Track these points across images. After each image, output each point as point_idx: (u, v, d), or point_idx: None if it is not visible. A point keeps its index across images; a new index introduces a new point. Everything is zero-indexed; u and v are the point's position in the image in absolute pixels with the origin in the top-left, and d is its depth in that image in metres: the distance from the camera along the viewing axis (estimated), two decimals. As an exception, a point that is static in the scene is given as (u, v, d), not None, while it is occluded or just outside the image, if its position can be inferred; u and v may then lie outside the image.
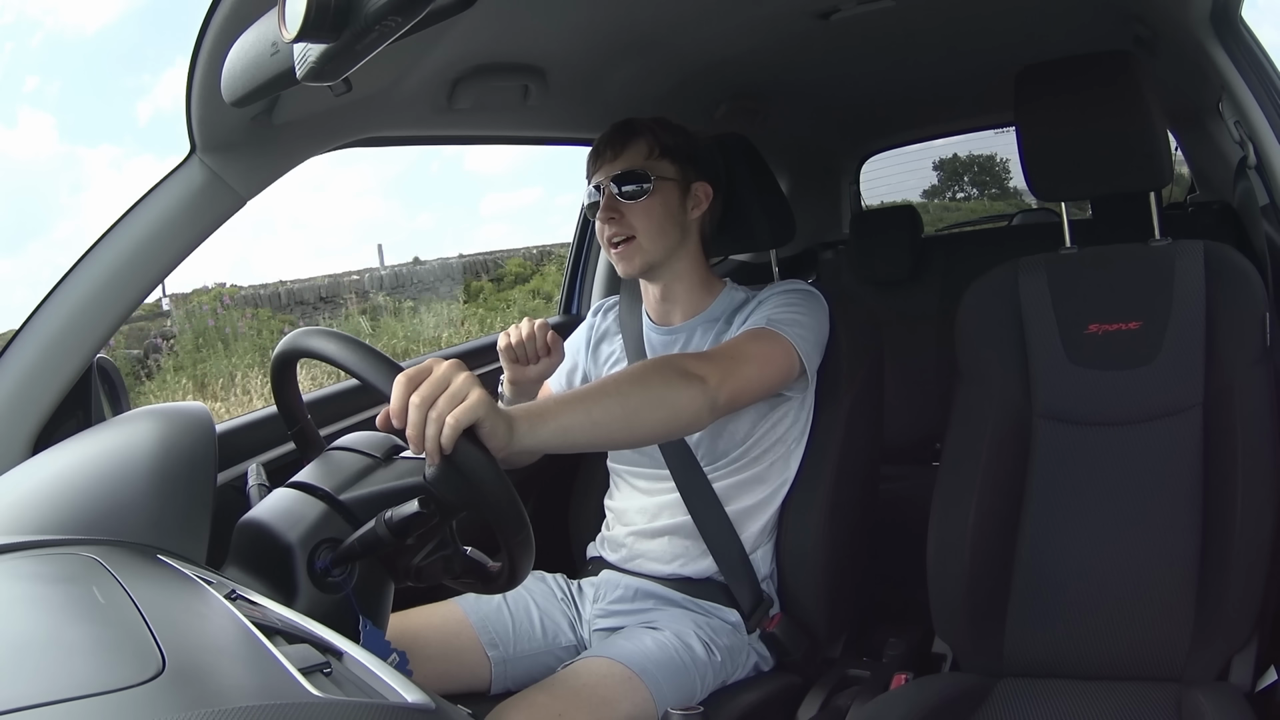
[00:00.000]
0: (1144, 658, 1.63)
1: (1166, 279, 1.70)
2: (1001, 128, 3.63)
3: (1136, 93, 1.69)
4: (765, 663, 1.77)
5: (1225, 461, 1.62)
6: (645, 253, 1.76)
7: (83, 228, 14.23)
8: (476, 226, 22.23)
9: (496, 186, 23.99)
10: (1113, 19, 2.02)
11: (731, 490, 1.77)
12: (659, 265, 1.79)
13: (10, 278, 12.51)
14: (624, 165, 1.75)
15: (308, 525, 1.19)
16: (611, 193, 1.75)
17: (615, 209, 1.75)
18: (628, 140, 1.77)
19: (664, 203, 1.76)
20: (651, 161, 1.76)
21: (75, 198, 15.12)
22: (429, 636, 1.66)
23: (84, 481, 1.18)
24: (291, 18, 0.80)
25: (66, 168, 14.37)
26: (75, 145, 15.40)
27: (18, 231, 12.34)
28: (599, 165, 1.78)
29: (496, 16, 1.55)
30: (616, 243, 1.76)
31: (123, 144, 16.30)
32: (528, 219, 20.87)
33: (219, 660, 0.77)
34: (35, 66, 15.45)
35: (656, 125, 1.79)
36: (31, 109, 14.95)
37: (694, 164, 1.80)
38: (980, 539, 1.73)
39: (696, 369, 1.49)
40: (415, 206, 21.32)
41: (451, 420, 1.11)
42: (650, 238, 1.75)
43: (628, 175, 1.74)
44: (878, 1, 1.86)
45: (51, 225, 13.84)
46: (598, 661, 1.59)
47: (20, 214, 12.76)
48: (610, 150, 1.77)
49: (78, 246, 1.48)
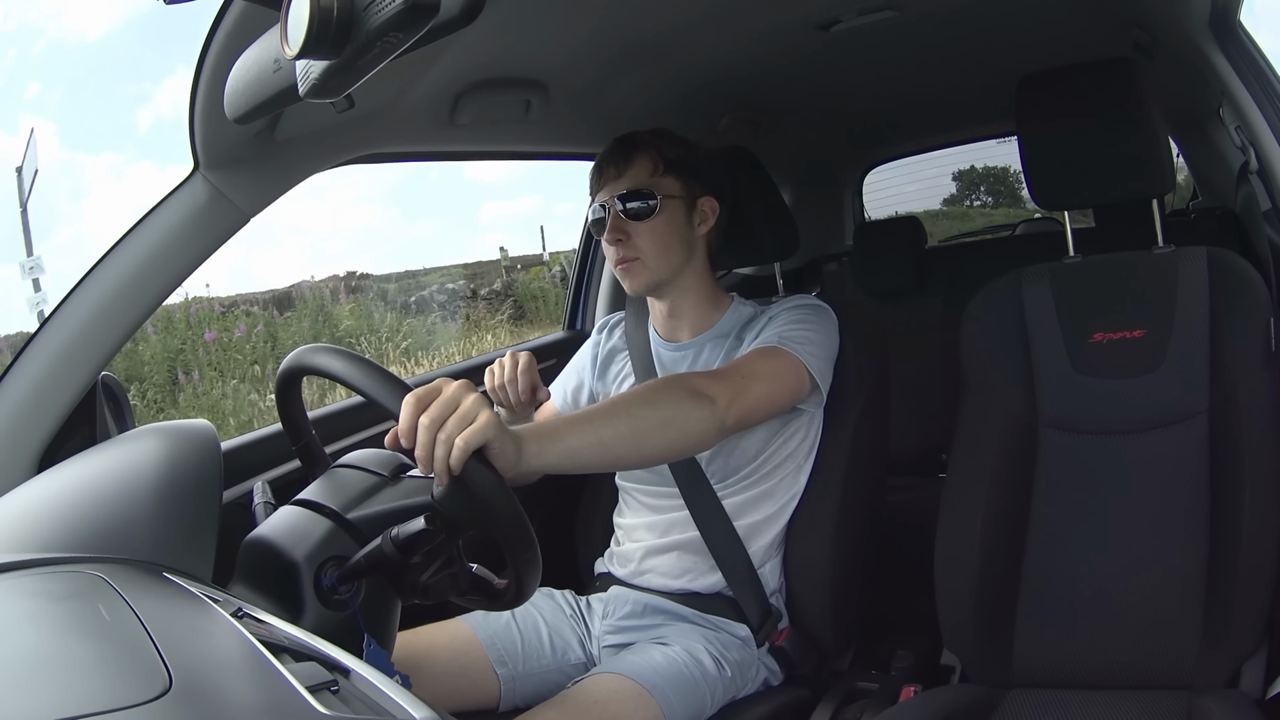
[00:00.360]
0: (1154, 666, 1.63)
1: (1170, 286, 1.70)
2: (1004, 137, 3.63)
3: (1137, 100, 1.70)
4: (774, 677, 1.76)
5: (1232, 467, 1.62)
6: (652, 272, 1.75)
7: (82, 234, 14.27)
8: (476, 235, 22.27)
9: (496, 194, 24.03)
10: (1112, 26, 2.03)
11: (741, 506, 1.77)
12: (666, 283, 1.78)
13: (11, 284, 12.59)
14: (628, 184, 1.74)
15: (314, 543, 1.19)
16: (617, 212, 1.73)
17: (622, 230, 1.73)
18: (631, 156, 1.75)
19: (670, 221, 1.74)
20: (656, 179, 1.74)
21: (76, 204, 15.17)
22: (437, 654, 1.65)
23: (89, 499, 1.18)
24: (294, 34, 0.80)
25: (67, 174, 14.43)
26: (76, 152, 15.47)
27: (18, 238, 12.42)
28: (603, 183, 1.77)
29: (497, 31, 1.55)
30: (623, 261, 1.75)
31: (123, 151, 16.36)
32: (526, 227, 20.89)
33: (226, 678, 0.76)
34: (37, 73, 15.52)
35: (659, 139, 1.77)
36: (33, 115, 15.03)
37: (699, 178, 1.79)
38: (987, 549, 1.72)
39: (706, 388, 1.48)
40: (414, 215, 21.36)
41: (461, 442, 1.11)
42: (657, 257, 1.74)
43: (633, 194, 1.73)
44: (878, 12, 1.86)
45: (51, 232, 13.90)
46: (607, 678, 1.58)
47: (20, 220, 12.87)
48: (614, 167, 1.75)
49: (77, 253, 1.49)
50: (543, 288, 11.66)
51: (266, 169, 1.56)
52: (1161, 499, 1.67)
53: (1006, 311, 1.81)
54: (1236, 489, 1.60)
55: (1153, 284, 1.72)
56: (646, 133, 1.79)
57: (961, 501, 1.76)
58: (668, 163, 1.75)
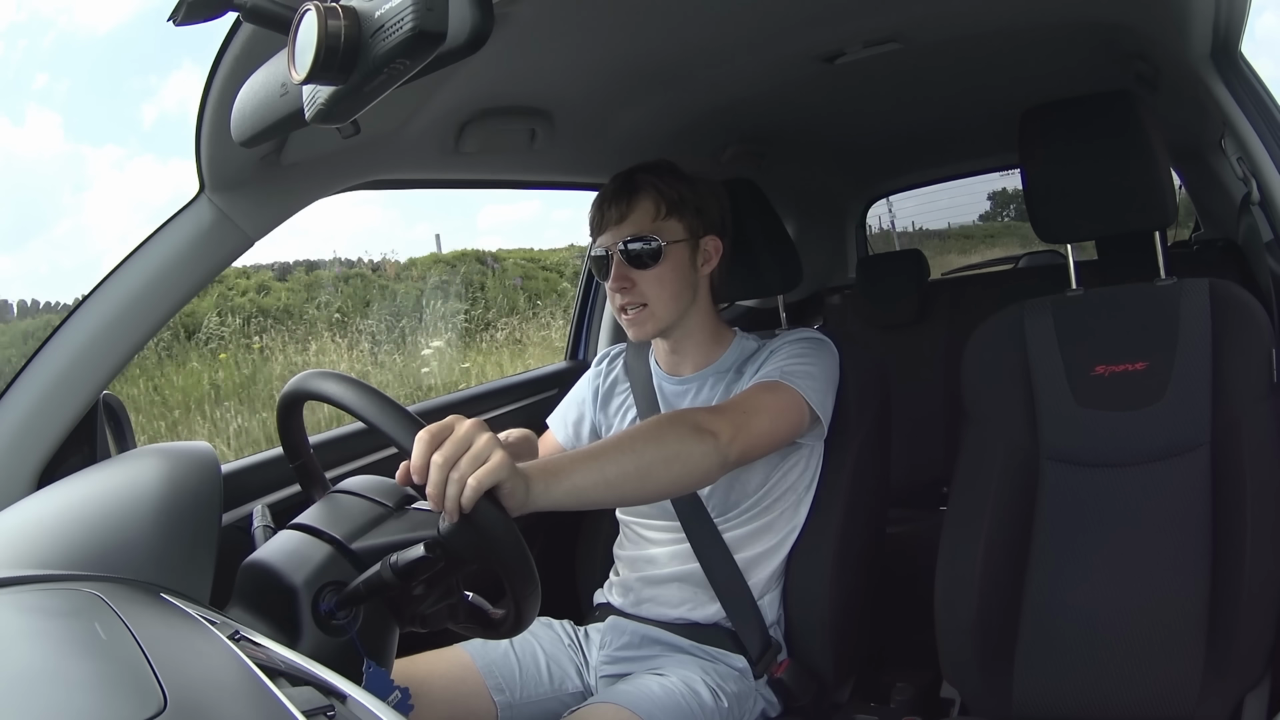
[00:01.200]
0: (1155, 698, 1.61)
1: (1172, 318, 1.70)
2: (1006, 169, 3.65)
3: (1139, 132, 1.70)
4: (773, 708, 1.75)
5: (1234, 498, 1.61)
6: (659, 320, 1.75)
7: (82, 226, 14.29)
8: (474, 239, 22.37)
9: (495, 199, 24.15)
10: (1114, 57, 2.04)
11: (741, 539, 1.76)
12: (672, 326, 1.79)
13: (10, 274, 12.62)
14: (631, 230, 1.72)
15: (313, 567, 1.18)
16: (620, 259, 1.73)
17: (626, 277, 1.73)
18: (633, 199, 1.74)
19: (675, 267, 1.74)
20: (660, 223, 1.73)
21: (78, 197, 15.19)
22: (435, 682, 1.64)
23: (88, 517, 1.18)
24: (301, 60, 0.80)
25: (71, 166, 14.47)
26: (80, 144, 15.51)
27: (19, 229, 12.40)
28: (604, 225, 1.76)
29: (503, 60, 1.56)
30: (629, 309, 1.75)
31: (127, 145, 16.41)
32: (524, 232, 20.86)
33: (221, 700, 0.76)
34: (46, 64, 15.59)
35: (660, 179, 1.75)
36: (39, 107, 15.09)
37: (701, 218, 1.78)
38: (988, 582, 1.71)
39: (709, 424, 1.48)
40: (414, 217, 21.44)
41: (473, 483, 1.12)
42: (663, 304, 1.74)
43: (636, 239, 1.72)
44: (882, 45, 1.88)
45: (52, 223, 13.94)
46: (604, 708, 1.57)
47: (22, 211, 12.89)
48: (615, 210, 1.74)
49: (76, 245, 1.48)
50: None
51: (272, 193, 1.57)
52: (1163, 531, 1.66)
53: (1008, 344, 1.81)
54: (1238, 520, 1.59)
55: (1155, 316, 1.72)
56: (647, 171, 1.77)
57: (962, 533, 1.75)
58: (670, 204, 1.74)
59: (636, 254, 1.72)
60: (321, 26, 0.78)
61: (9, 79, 14.38)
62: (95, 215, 14.52)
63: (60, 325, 1.45)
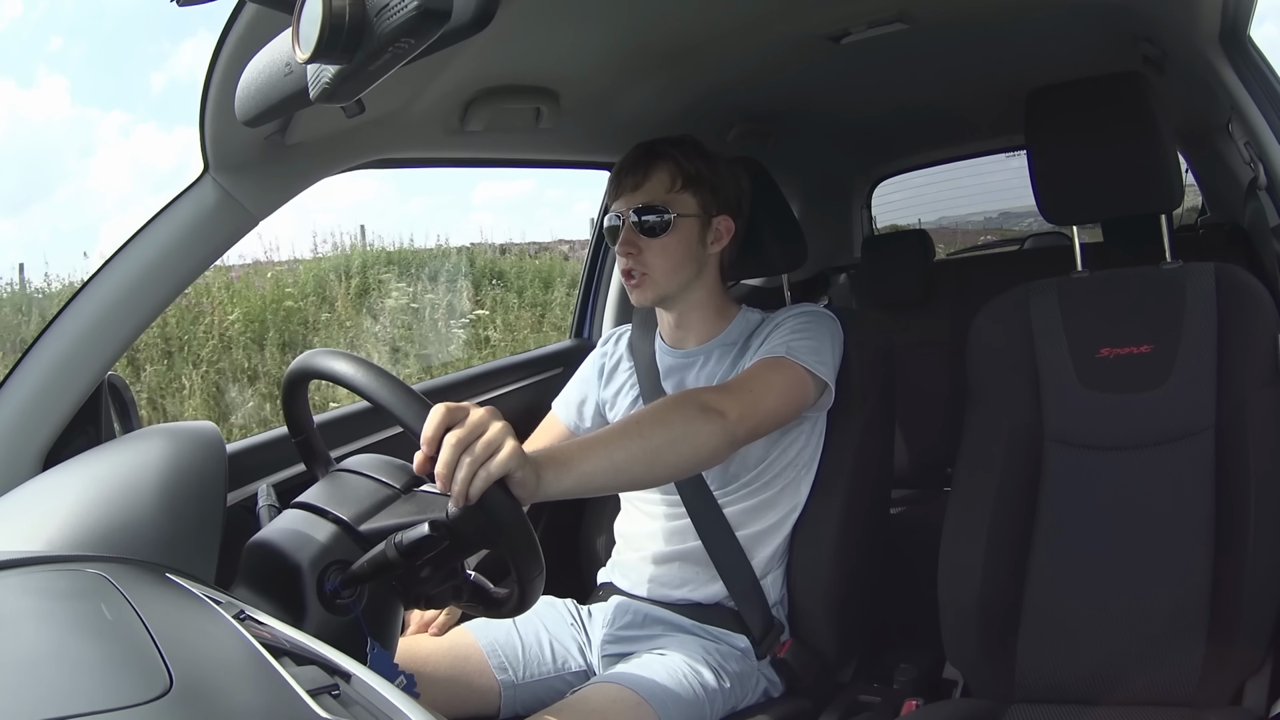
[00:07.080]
0: (1156, 682, 1.62)
1: (1178, 302, 1.69)
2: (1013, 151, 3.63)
3: (1147, 114, 1.69)
4: (775, 689, 1.76)
5: (1237, 484, 1.61)
6: (658, 287, 1.76)
7: (85, 190, 14.25)
8: (467, 215, 22.36)
9: (490, 175, 24.21)
10: (1122, 39, 2.02)
11: (742, 515, 1.76)
12: (673, 297, 1.79)
13: (10, 239, 12.61)
14: (645, 198, 1.73)
15: (317, 547, 1.19)
16: (631, 224, 1.74)
17: (633, 243, 1.74)
18: (650, 168, 1.75)
19: (682, 240, 1.74)
20: (673, 195, 1.74)
21: (83, 162, 15.14)
22: (438, 661, 1.65)
23: (93, 498, 1.19)
24: (305, 39, 0.80)
25: (78, 131, 14.42)
26: (88, 109, 15.44)
27: (22, 193, 12.36)
28: (620, 192, 1.76)
29: (509, 39, 1.55)
30: (632, 274, 1.76)
31: (134, 111, 16.34)
32: (517, 210, 20.82)
33: (227, 680, 0.76)
34: (64, 28, 15.50)
35: (680, 152, 1.76)
36: (49, 70, 15.02)
37: (716, 196, 1.78)
38: (991, 564, 1.72)
39: (715, 403, 1.48)
40: (408, 191, 21.40)
41: (485, 471, 1.13)
42: (665, 274, 1.75)
43: (647, 209, 1.73)
44: (889, 25, 1.86)
45: (55, 188, 13.89)
46: (607, 687, 1.58)
47: (27, 175, 12.86)
48: (631, 178, 1.75)
49: (78, 210, 1.48)
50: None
51: (276, 172, 1.57)
52: (1167, 514, 1.66)
53: (1013, 325, 1.80)
54: (1242, 504, 1.59)
55: (1160, 299, 1.72)
56: (669, 142, 1.78)
57: (966, 515, 1.75)
58: (686, 178, 1.74)
59: (647, 223, 1.73)
60: (326, 5, 0.77)
61: (23, 40, 14.35)
62: (98, 180, 14.50)
63: (65, 306, 1.45)
